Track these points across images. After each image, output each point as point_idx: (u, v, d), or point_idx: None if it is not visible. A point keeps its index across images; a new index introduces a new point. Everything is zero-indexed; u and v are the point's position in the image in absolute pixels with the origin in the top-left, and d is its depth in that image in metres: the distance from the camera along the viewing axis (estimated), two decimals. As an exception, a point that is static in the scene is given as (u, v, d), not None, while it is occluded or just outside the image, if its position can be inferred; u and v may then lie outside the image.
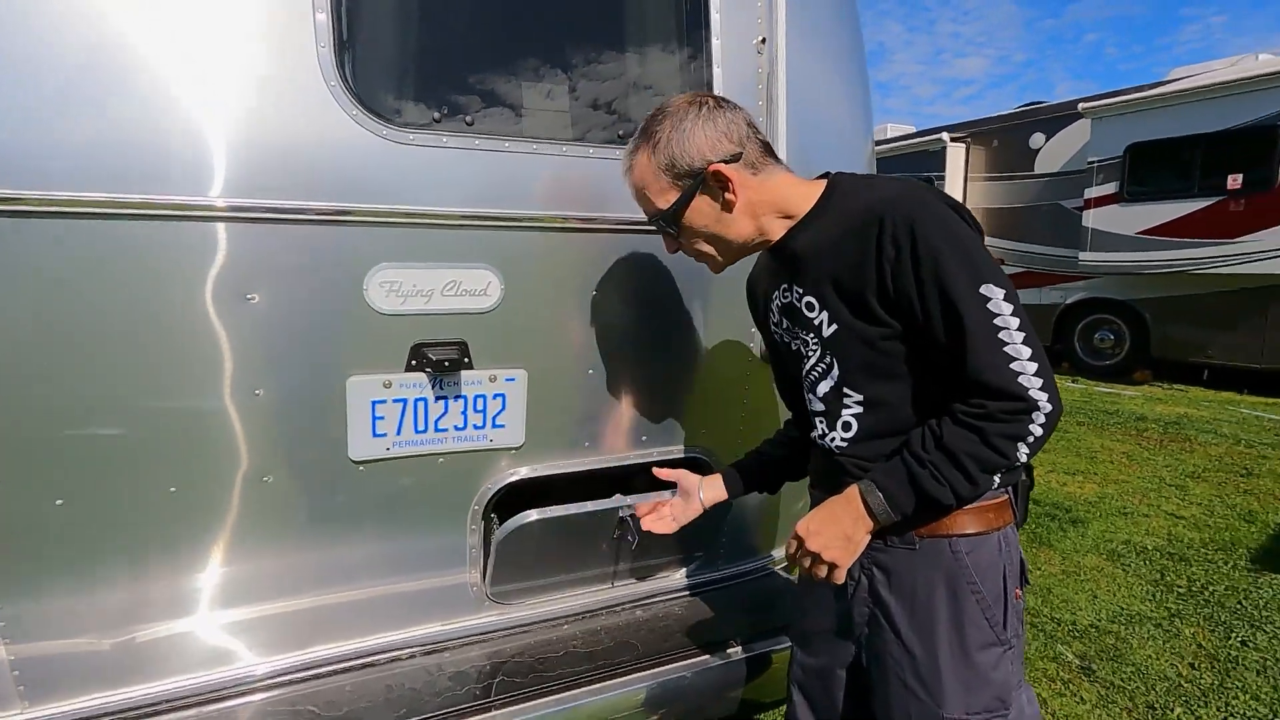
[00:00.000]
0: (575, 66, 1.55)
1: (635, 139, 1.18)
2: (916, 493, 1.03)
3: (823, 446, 1.20)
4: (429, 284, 1.38)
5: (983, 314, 0.98)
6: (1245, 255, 6.95)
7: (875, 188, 1.10)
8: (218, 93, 1.20)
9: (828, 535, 1.08)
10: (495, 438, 1.54)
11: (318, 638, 1.51)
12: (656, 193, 1.15)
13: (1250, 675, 2.43)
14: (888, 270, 1.02)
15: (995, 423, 0.98)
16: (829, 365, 1.15)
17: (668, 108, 1.15)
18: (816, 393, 1.18)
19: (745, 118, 1.15)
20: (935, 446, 1.02)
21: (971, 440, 0.99)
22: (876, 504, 1.05)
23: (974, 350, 0.98)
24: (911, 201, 1.02)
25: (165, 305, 1.22)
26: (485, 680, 1.52)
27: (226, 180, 1.21)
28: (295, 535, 1.44)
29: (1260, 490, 4.33)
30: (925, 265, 0.99)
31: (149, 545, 1.32)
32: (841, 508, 1.08)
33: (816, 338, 1.15)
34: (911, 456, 1.04)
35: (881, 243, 1.02)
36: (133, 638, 1.36)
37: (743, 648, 1.65)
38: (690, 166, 1.11)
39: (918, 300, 1.01)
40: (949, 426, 1.01)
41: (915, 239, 0.99)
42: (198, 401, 1.28)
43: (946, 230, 1.00)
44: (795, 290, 1.17)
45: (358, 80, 1.31)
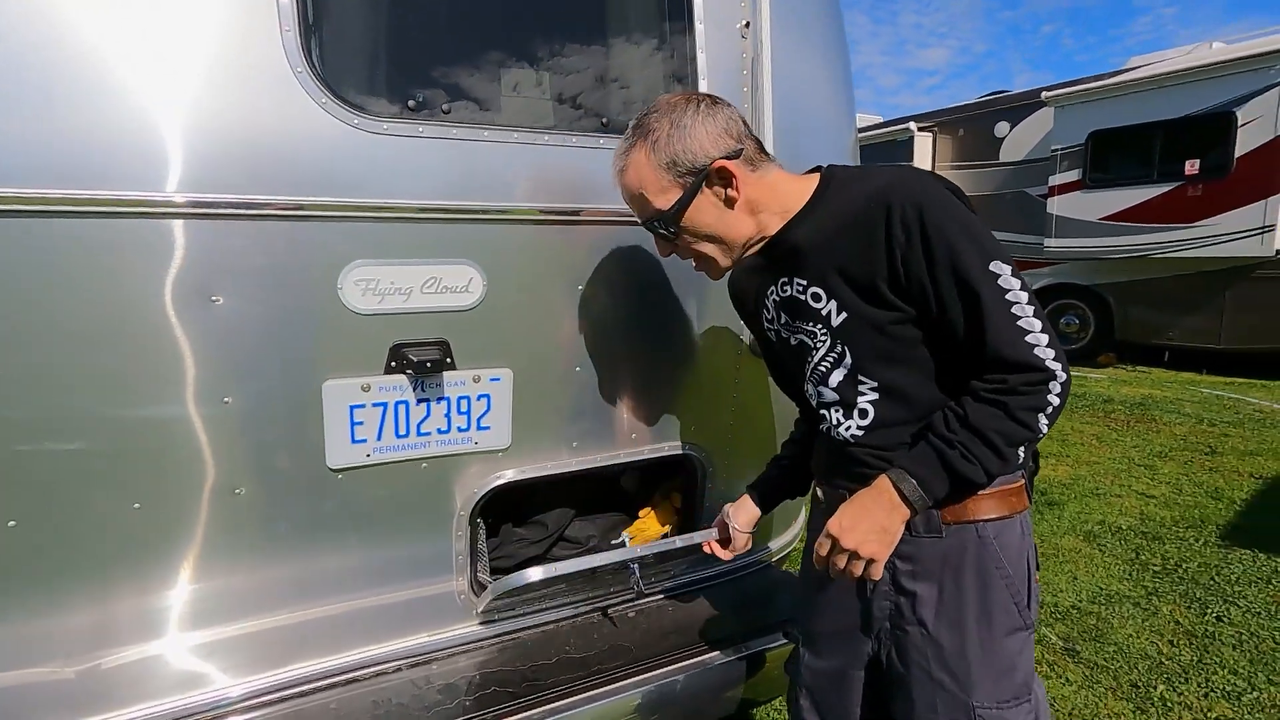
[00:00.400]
0: (556, 51, 1.49)
1: (629, 138, 1.13)
2: (949, 474, 1.03)
3: (835, 439, 1.17)
4: (407, 281, 1.31)
5: (996, 290, 0.99)
6: (1203, 239, 7.15)
7: (874, 176, 1.09)
8: (175, 80, 1.12)
9: (863, 530, 1.06)
10: (480, 440, 1.48)
11: (298, 654, 1.44)
12: (656, 192, 1.11)
13: (1227, 650, 2.49)
14: (898, 255, 1.02)
15: (1017, 395, 0.99)
16: (840, 354, 1.13)
17: (661, 105, 1.12)
18: (829, 383, 1.16)
19: (739, 115, 1.14)
20: (961, 426, 1.02)
21: (996, 415, 1.00)
22: (910, 490, 1.04)
23: (991, 327, 0.98)
24: (916, 187, 1.02)
25: (123, 309, 1.13)
26: (476, 692, 1.46)
27: (186, 174, 1.13)
28: (272, 549, 1.37)
29: (1225, 468, 4.45)
30: (937, 249, 0.99)
31: (113, 566, 1.24)
32: (872, 500, 1.07)
33: (825, 328, 1.13)
34: (938, 439, 1.03)
35: (891, 229, 1.01)
36: (99, 664, 1.27)
37: (740, 646, 1.62)
38: (693, 163, 1.08)
39: (930, 284, 1.01)
40: (972, 405, 1.02)
41: (925, 223, 1.00)
42: (161, 411, 1.20)
43: (953, 213, 1.01)
44: (797, 283, 1.15)
45: (326, 66, 1.23)
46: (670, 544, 1.54)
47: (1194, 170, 7.17)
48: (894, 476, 1.06)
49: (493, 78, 1.43)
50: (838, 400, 1.15)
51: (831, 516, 1.11)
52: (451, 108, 1.35)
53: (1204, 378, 7.42)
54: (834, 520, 1.10)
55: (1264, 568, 3.09)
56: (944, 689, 1.10)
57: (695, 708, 1.56)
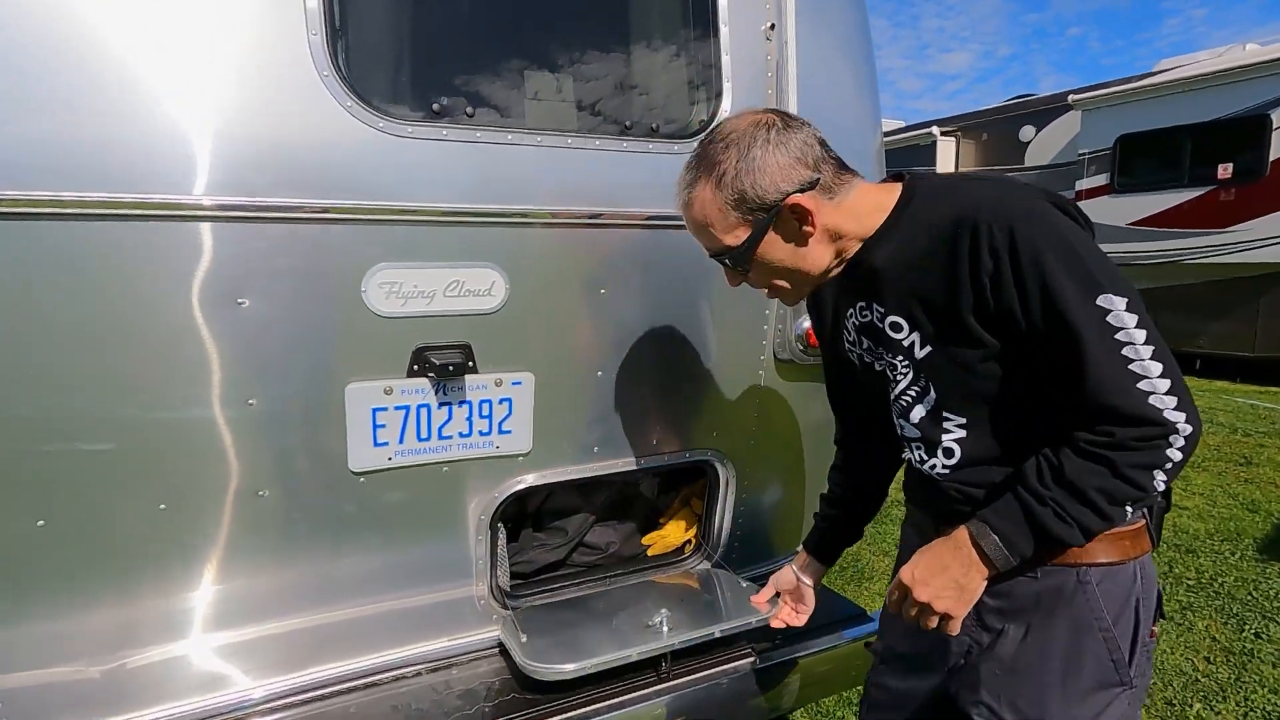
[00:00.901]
0: (580, 55, 1.48)
1: (693, 169, 1.03)
2: (1036, 533, 0.92)
3: (920, 471, 1.09)
4: (430, 284, 1.31)
5: (1102, 328, 0.86)
6: (1236, 244, 6.98)
7: (962, 192, 0.97)
8: (201, 84, 1.13)
9: (937, 584, 0.97)
10: (502, 444, 1.47)
11: (319, 658, 1.44)
12: (723, 230, 1.01)
13: (1266, 668, 2.40)
14: (986, 284, 0.90)
15: (1126, 451, 0.86)
16: (924, 389, 1.03)
17: (729, 133, 1.00)
18: (910, 419, 1.06)
19: (816, 135, 1.02)
20: (1056, 481, 0.90)
21: (1099, 473, 0.88)
22: (992, 548, 0.94)
23: (1095, 370, 0.86)
24: (1009, 203, 0.91)
25: (149, 311, 1.14)
26: (497, 698, 1.45)
27: (212, 178, 1.14)
28: (294, 551, 1.37)
29: (1261, 479, 4.32)
30: (1030, 276, 0.87)
31: (139, 566, 1.25)
32: (950, 553, 0.97)
33: (907, 360, 1.03)
34: (1029, 493, 0.92)
35: (977, 253, 0.90)
36: (123, 664, 1.28)
37: (759, 657, 1.60)
38: (762, 200, 0.98)
39: (1023, 316, 0.90)
40: (1071, 458, 0.89)
41: (1016, 246, 0.88)
42: (187, 413, 1.21)
43: (1053, 234, 0.88)
44: (876, 309, 1.05)
45: (352, 70, 1.24)
46: (710, 634, 1.51)
47: (1227, 174, 7.00)
48: (974, 530, 0.95)
49: (516, 82, 1.43)
50: (920, 437, 1.06)
51: (907, 564, 1.02)
52: (475, 111, 1.35)
53: (1237, 386, 7.23)
54: (907, 569, 1.01)
55: (1304, 583, 2.99)
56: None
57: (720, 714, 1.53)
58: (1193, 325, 7.64)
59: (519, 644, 1.46)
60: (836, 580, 3.17)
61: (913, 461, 1.11)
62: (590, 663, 1.41)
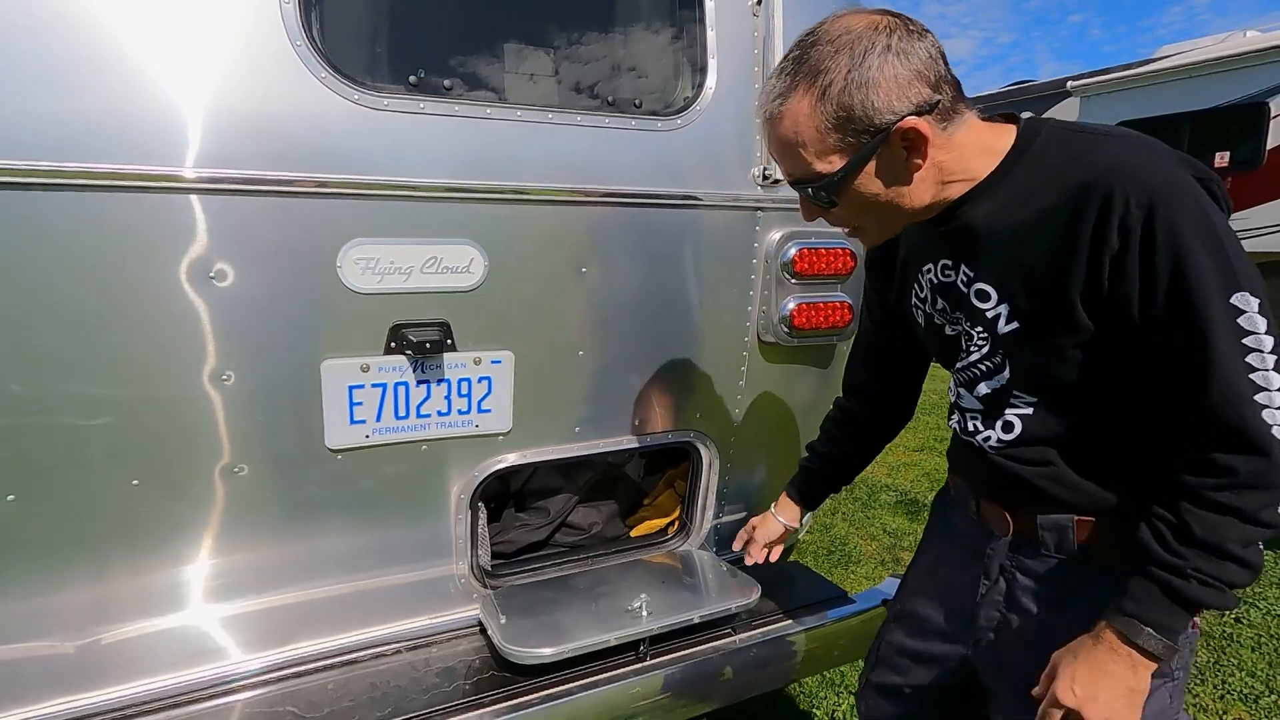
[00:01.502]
0: (561, 28, 1.46)
1: (790, 74, 0.84)
2: (1187, 607, 0.81)
3: (969, 442, 1.02)
4: (407, 260, 1.29)
5: (1232, 331, 0.76)
6: (1231, 234, 6.97)
7: (1092, 146, 0.83)
8: (172, 55, 1.10)
9: (1108, 697, 0.83)
10: (481, 423, 1.46)
11: (297, 635, 1.44)
12: (817, 153, 0.85)
13: (1245, 651, 2.43)
14: (1106, 265, 0.80)
15: (1251, 492, 0.78)
16: (998, 365, 0.94)
17: (841, 34, 0.82)
18: (974, 391, 0.98)
19: (939, 46, 0.85)
20: (1187, 544, 0.80)
21: (1229, 523, 0.79)
22: (1149, 642, 0.82)
23: (1216, 376, 0.77)
24: (1151, 173, 0.78)
25: (121, 284, 1.12)
26: (475, 676, 1.46)
27: (183, 149, 1.11)
28: (271, 528, 1.36)
29: (1248, 467, 4.35)
30: (1162, 266, 0.77)
31: (112, 541, 1.24)
32: (1106, 658, 0.84)
33: (986, 332, 0.93)
34: (1163, 568, 0.81)
35: (1104, 228, 0.78)
36: (98, 639, 1.28)
37: (740, 638, 1.60)
38: (872, 121, 0.81)
39: (1140, 308, 0.80)
40: (1196, 513, 0.80)
41: (1153, 228, 0.76)
42: (159, 388, 1.19)
43: (1197, 217, 0.76)
44: (964, 272, 0.94)
45: (326, 40, 1.21)
46: (689, 620, 1.51)
47: (1223, 163, 6.98)
48: (1123, 628, 0.83)
49: (496, 55, 1.40)
50: (980, 410, 0.99)
51: (1057, 679, 0.87)
52: (454, 85, 1.33)
53: (1229, 376, 7.26)
54: (1064, 687, 0.86)
55: (1286, 569, 3.01)
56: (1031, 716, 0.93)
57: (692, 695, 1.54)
58: (1186, 314, 7.65)
59: (498, 625, 1.46)
60: (824, 564, 3.18)
61: (960, 430, 1.03)
62: (568, 647, 1.41)
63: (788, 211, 1.64)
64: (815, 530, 3.52)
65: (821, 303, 1.68)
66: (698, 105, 1.52)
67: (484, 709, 1.36)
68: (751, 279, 1.66)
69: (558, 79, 1.47)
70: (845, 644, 1.75)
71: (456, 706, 1.36)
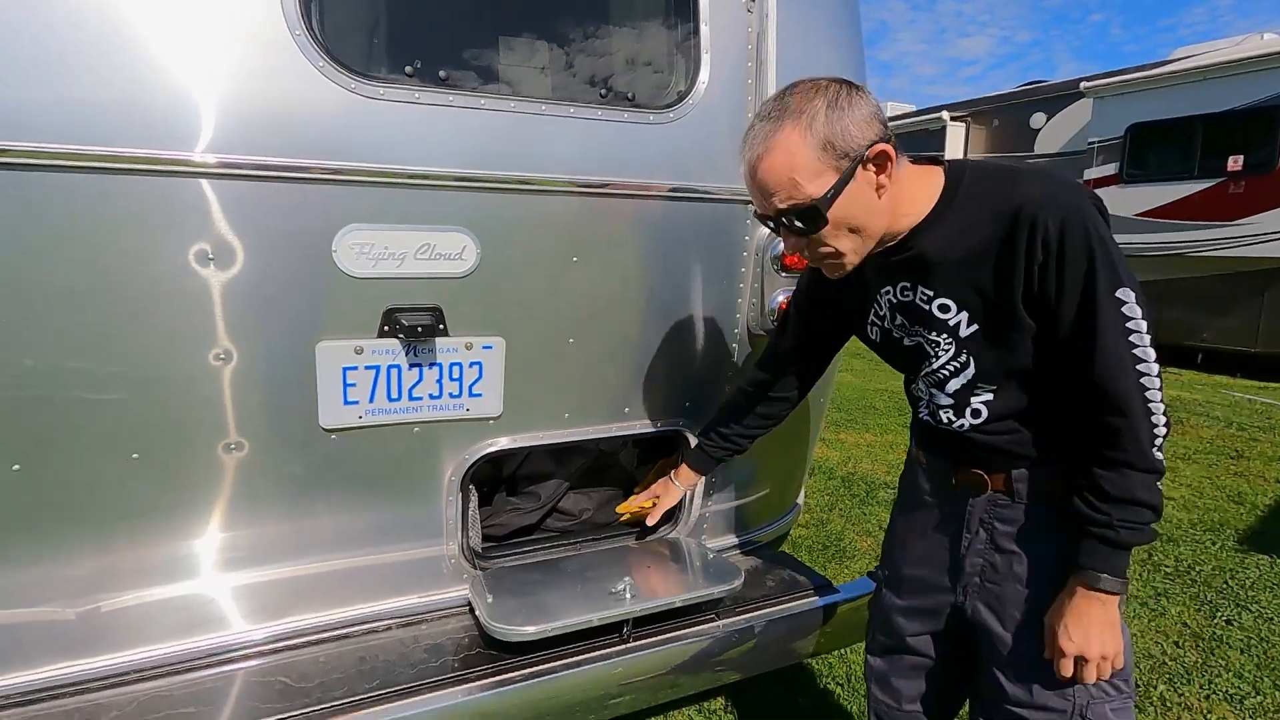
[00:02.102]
0: (556, 21, 1.49)
1: (774, 118, 1.02)
2: (1123, 549, 1.04)
3: (940, 429, 1.20)
4: (401, 247, 1.33)
5: (1118, 317, 0.99)
6: (1243, 238, 6.91)
7: (1011, 184, 1.04)
8: (172, 42, 1.14)
9: (1095, 634, 1.06)
10: (472, 407, 1.50)
11: (291, 608, 1.49)
12: (809, 176, 1.01)
13: (1234, 653, 2.43)
14: (1035, 273, 1.01)
15: (1136, 442, 1.00)
16: (964, 364, 1.13)
17: (811, 86, 1.03)
18: (945, 389, 1.17)
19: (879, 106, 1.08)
20: (1106, 502, 1.03)
21: (1129, 476, 1.02)
22: (1110, 585, 1.05)
23: (1103, 352, 1.00)
24: (1061, 199, 1.00)
25: (122, 264, 1.17)
26: (463, 652, 1.50)
27: (183, 134, 1.15)
28: (267, 504, 1.41)
29: (1250, 472, 4.33)
30: (1070, 269, 0.99)
31: (112, 512, 1.29)
32: (1083, 606, 1.07)
33: (951, 338, 1.13)
34: (1097, 526, 1.04)
35: (1032, 246, 1.00)
36: (98, 607, 1.33)
37: (723, 623, 1.64)
38: (850, 147, 1.01)
39: (1055, 302, 1.02)
40: (1103, 474, 1.03)
41: (1065, 241, 0.99)
42: (158, 366, 1.23)
43: (1092, 229, 0.99)
44: (923, 291, 1.13)
45: (325, 31, 1.25)
46: (670, 603, 1.55)
47: (1237, 166, 6.91)
48: (1085, 580, 1.06)
49: (492, 47, 1.43)
50: (950, 404, 1.17)
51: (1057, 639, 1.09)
52: (449, 76, 1.36)
53: (1237, 381, 7.20)
54: (1063, 641, 1.08)
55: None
56: (1037, 640, 1.13)
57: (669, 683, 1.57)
58: (1196, 319, 7.59)
59: (485, 604, 1.50)
60: (819, 559, 3.21)
61: (932, 420, 1.21)
62: (551, 626, 1.45)
63: (779, 205, 1.66)
64: (811, 525, 3.55)
65: (810, 296, 1.70)
66: (691, 99, 1.55)
67: (469, 684, 1.40)
68: (742, 271, 1.68)
69: (553, 71, 1.50)
70: (830, 632, 1.78)
71: (442, 681, 1.40)
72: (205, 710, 1.30)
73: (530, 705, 1.45)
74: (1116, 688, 1.13)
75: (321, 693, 1.35)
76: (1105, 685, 1.12)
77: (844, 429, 5.24)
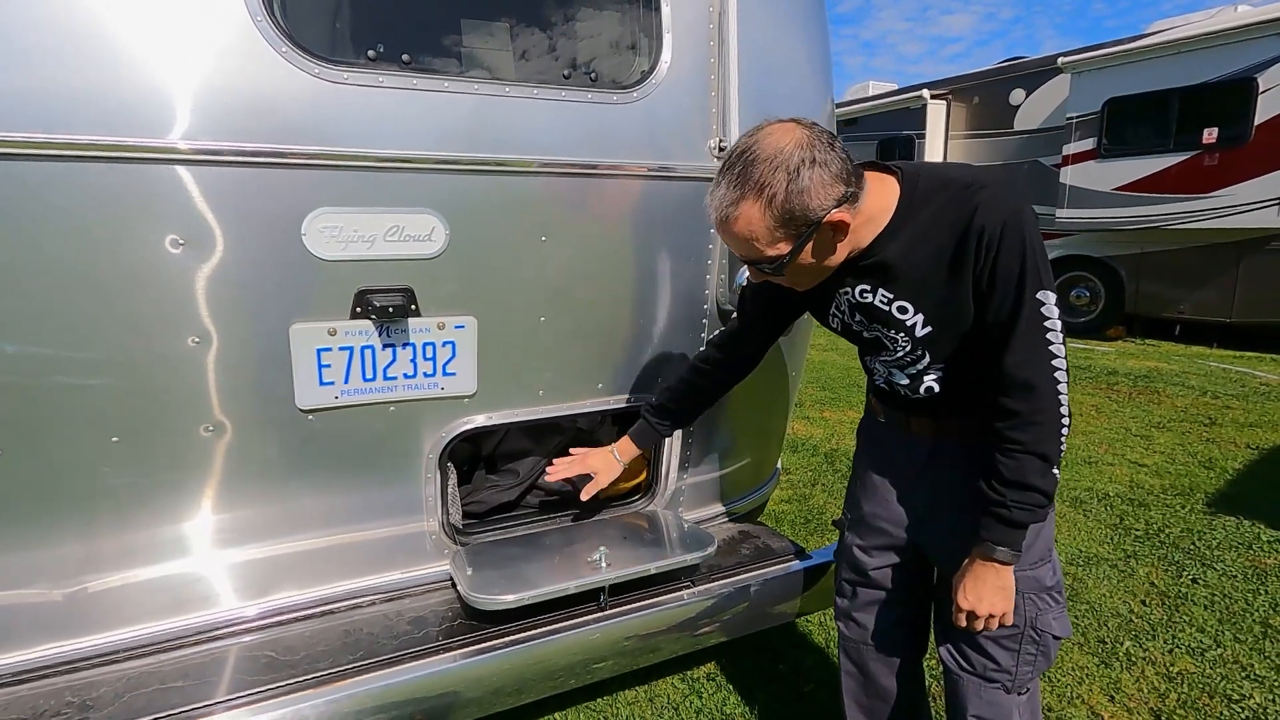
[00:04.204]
0: (518, 3, 1.51)
1: (737, 186, 1.07)
2: (1020, 526, 1.18)
3: (898, 394, 1.33)
4: (370, 229, 1.36)
5: (1037, 315, 1.10)
6: (1218, 210, 7.00)
7: (960, 189, 1.12)
8: (135, 29, 1.16)
9: (987, 594, 1.21)
10: (447, 386, 1.53)
11: (276, 586, 1.53)
12: (767, 244, 1.11)
13: (1198, 610, 2.52)
14: (981, 271, 1.11)
15: (1034, 426, 1.12)
16: (919, 356, 1.25)
17: (775, 154, 1.05)
18: (904, 372, 1.29)
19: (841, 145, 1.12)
20: (1004, 485, 1.16)
21: (1026, 461, 1.14)
22: (1003, 556, 1.19)
23: (1020, 343, 1.11)
24: (1001, 207, 1.09)
25: (91, 251, 1.19)
26: (446, 624, 1.54)
27: (149, 120, 1.17)
28: (248, 484, 1.44)
29: (1221, 439, 4.43)
30: (1003, 269, 1.09)
31: (94, 495, 1.32)
32: (980, 572, 1.21)
33: (908, 337, 1.23)
34: (995, 506, 1.17)
35: (978, 249, 1.10)
36: (84, 588, 1.36)
37: (699, 589, 1.69)
38: (808, 219, 1.07)
39: (988, 293, 1.12)
40: (1002, 460, 1.16)
41: (1003, 245, 1.09)
42: (135, 351, 1.26)
43: (1026, 235, 1.09)
44: (882, 294, 1.22)
45: (287, 16, 1.27)
46: (645, 571, 1.60)
47: (1211, 139, 6.98)
48: (983, 551, 1.20)
49: (454, 30, 1.45)
50: (908, 384, 1.30)
51: (956, 596, 1.25)
52: (413, 59, 1.38)
53: (1214, 351, 7.33)
54: (960, 598, 1.24)
55: (1246, 533, 3.11)
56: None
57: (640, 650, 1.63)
58: (1174, 291, 7.70)
59: (465, 576, 1.55)
60: (800, 532, 3.27)
61: (887, 389, 1.35)
62: (529, 594, 1.49)
63: (744, 182, 1.70)
64: (793, 500, 3.62)
65: (777, 271, 1.74)
66: (654, 79, 1.57)
67: (450, 652, 1.45)
68: (709, 249, 1.72)
69: (516, 53, 1.52)
70: (805, 596, 1.84)
71: (424, 650, 1.45)
72: (193, 684, 1.34)
73: (513, 671, 1.50)
74: (1056, 600, 1.30)
75: (308, 664, 1.40)
76: (1046, 598, 1.29)
77: (828, 407, 5.31)
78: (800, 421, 4.92)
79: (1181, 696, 2.08)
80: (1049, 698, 2.08)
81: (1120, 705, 2.05)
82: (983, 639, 1.31)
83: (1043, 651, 1.31)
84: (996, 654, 1.31)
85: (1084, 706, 2.04)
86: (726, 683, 2.14)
